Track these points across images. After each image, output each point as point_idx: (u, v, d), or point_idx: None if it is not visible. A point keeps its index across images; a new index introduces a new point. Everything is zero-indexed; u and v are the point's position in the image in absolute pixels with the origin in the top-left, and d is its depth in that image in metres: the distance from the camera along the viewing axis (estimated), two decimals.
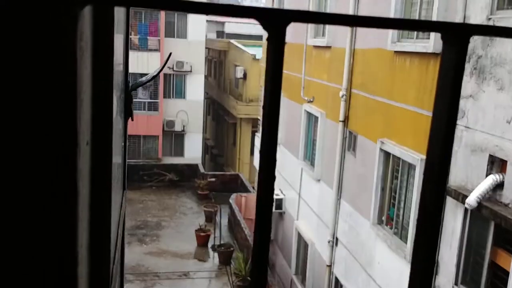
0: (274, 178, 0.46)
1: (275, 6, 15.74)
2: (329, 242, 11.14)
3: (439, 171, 0.49)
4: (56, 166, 0.44)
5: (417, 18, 8.21)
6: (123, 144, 1.61)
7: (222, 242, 17.00)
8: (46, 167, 0.44)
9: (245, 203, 18.60)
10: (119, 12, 1.46)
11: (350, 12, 10.20)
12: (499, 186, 6.17)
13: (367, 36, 9.75)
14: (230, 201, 19.10)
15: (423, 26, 0.55)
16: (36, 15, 0.41)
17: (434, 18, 7.42)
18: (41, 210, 0.46)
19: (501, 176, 6.15)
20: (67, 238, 0.47)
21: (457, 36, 0.47)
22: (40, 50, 0.41)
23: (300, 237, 13.31)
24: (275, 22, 0.44)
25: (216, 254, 16.74)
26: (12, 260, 0.46)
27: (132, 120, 1.67)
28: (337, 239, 11.01)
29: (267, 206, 0.45)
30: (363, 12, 9.98)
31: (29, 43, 0.41)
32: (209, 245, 17.47)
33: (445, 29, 0.48)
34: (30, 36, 0.41)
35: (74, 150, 0.42)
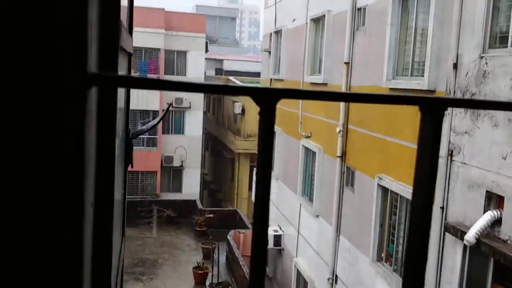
0: (268, 215, 0.49)
1: (272, 52, 16.04)
2: (328, 279, 11.01)
3: (421, 234, 0.50)
4: (63, 229, 0.47)
5: (410, 57, 8.38)
6: (122, 191, 1.64)
7: (220, 280, 16.75)
8: (53, 230, 0.47)
9: (243, 240, 18.43)
10: (124, 60, 1.53)
11: (345, 54, 10.40)
12: (497, 222, 6.17)
13: (363, 74, 9.91)
14: (228, 237, 18.92)
15: (401, 100, 0.61)
16: (46, 97, 0.45)
17: (428, 57, 7.58)
18: (44, 272, 0.49)
19: (498, 212, 6.16)
20: None
21: (433, 108, 0.51)
22: (50, 128, 0.46)
23: (299, 274, 13.15)
24: (267, 98, 0.48)
25: None
26: None
27: (132, 167, 1.72)
28: (336, 276, 10.88)
29: (263, 241, 0.48)
30: (358, 52, 10.18)
31: (40, 121, 0.45)
32: (207, 283, 17.20)
33: (423, 102, 0.51)
34: (40, 115, 0.46)
35: (82, 213, 0.46)
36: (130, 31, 1.59)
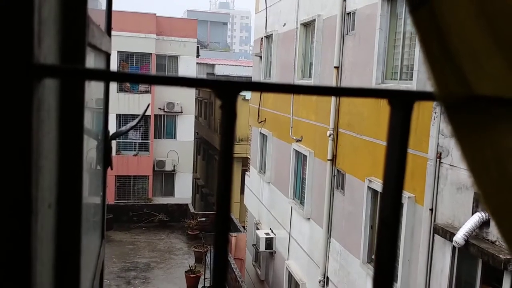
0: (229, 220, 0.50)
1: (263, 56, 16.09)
2: (320, 282, 11.02)
3: (391, 232, 0.51)
4: (9, 230, 0.46)
5: (399, 61, 8.44)
6: (102, 193, 1.64)
7: (212, 284, 16.69)
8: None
9: (235, 243, 18.41)
10: (100, 59, 1.52)
11: (335, 58, 10.45)
12: (485, 223, 6.22)
13: (353, 78, 9.97)
14: None
15: (370, 93, 0.59)
16: None
17: (416, 60, 7.64)
18: None
19: (487, 214, 6.21)
20: None
21: (402, 102, 0.50)
22: None
23: (291, 276, 13.15)
24: (227, 91, 0.48)
25: None
26: None
27: (112, 169, 1.72)
28: (327, 278, 10.90)
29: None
30: (348, 56, 10.23)
31: None
32: (199, 286, 17.16)
33: (391, 95, 0.51)
34: None
35: (29, 215, 0.45)
36: (109, 33, 1.60)
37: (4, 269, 0.47)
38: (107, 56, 1.54)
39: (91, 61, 1.10)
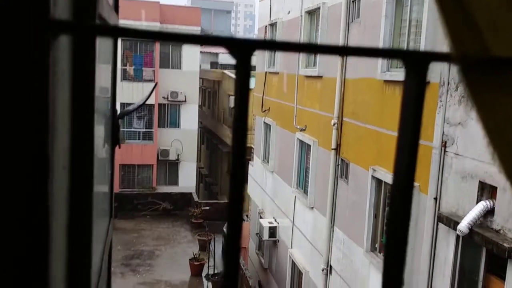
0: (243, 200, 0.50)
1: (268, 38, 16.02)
2: (323, 270, 11.07)
3: (403, 198, 0.49)
4: (26, 189, 0.46)
5: (405, 47, 8.39)
6: (110, 171, 1.65)
7: (216, 272, 16.81)
8: (16, 189, 0.46)
9: None
10: (106, 42, 1.52)
11: (341, 42, 10.39)
12: (489, 212, 6.21)
13: (357, 66, 9.92)
14: (224, 229, 18.97)
15: (384, 54, 0.58)
16: (4, 42, 0.44)
17: (422, 48, 7.59)
18: (8, 236, 0.46)
19: (491, 202, 6.20)
20: (38, 271, 0.48)
21: (417, 63, 0.49)
22: (8, 78, 0.45)
23: (294, 265, 13.21)
24: (242, 50, 0.47)
25: (210, 284, 16.53)
26: None
27: (120, 147, 1.72)
28: (331, 267, 10.94)
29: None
30: (353, 44, 10.17)
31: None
32: (203, 274, 17.27)
33: (406, 56, 0.50)
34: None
35: (46, 174, 0.46)
36: (116, 10, 1.60)
37: (23, 227, 0.47)
38: None
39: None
